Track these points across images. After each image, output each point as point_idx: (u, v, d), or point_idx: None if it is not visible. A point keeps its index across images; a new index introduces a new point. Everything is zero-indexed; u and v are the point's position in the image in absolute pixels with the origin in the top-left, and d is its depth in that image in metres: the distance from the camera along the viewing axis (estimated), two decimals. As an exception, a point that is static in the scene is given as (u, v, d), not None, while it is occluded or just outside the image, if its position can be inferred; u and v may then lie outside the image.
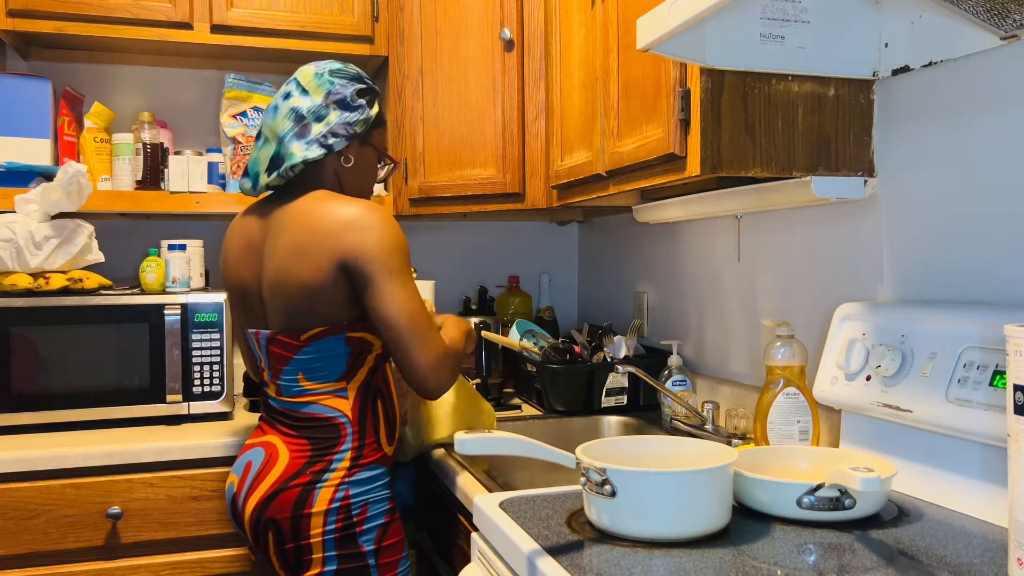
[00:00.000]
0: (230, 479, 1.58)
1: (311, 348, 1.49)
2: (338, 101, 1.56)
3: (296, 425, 1.52)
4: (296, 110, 1.55)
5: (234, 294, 1.62)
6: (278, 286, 1.49)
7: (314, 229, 1.46)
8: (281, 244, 1.49)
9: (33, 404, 1.95)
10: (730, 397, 1.90)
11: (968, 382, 1.17)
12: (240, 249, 1.60)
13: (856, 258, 1.54)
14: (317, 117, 1.55)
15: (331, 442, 1.50)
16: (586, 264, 2.83)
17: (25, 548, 1.76)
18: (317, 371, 1.51)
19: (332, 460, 1.48)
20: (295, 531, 1.45)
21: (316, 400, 1.51)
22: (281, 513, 1.46)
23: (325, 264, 1.44)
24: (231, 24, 2.23)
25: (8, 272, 1.96)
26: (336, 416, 1.51)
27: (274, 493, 1.47)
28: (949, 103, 1.33)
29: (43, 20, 2.12)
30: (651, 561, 1.00)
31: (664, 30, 1.20)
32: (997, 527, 1.12)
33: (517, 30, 2.14)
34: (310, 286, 1.45)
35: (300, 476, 1.47)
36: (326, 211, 1.47)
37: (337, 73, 1.58)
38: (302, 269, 1.46)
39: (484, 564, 1.26)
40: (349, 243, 1.44)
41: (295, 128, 1.54)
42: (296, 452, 1.50)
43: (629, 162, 1.63)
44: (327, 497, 1.46)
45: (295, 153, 1.53)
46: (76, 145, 2.25)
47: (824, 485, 1.11)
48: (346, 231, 1.44)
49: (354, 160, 1.60)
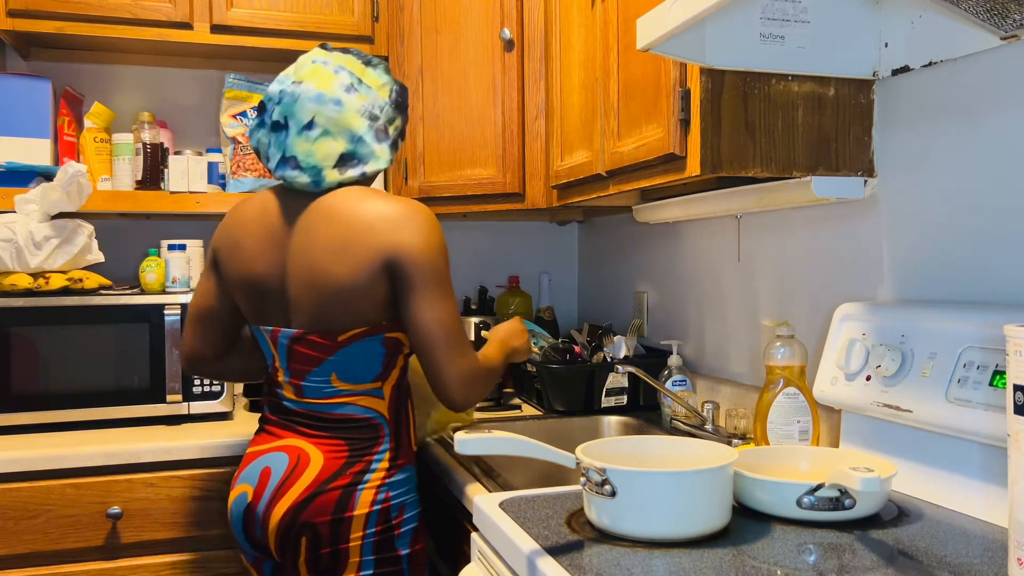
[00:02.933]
0: (240, 490, 1.49)
1: (348, 349, 1.44)
2: (398, 104, 1.53)
3: (327, 426, 1.46)
4: (368, 109, 1.47)
5: (244, 287, 1.51)
6: (312, 284, 1.42)
7: (357, 226, 1.40)
8: (318, 240, 1.42)
9: (33, 404, 1.95)
10: (730, 397, 1.90)
11: (968, 382, 1.17)
12: (258, 240, 1.49)
13: (856, 258, 1.54)
14: (389, 119, 1.51)
15: (369, 442, 1.46)
16: (586, 264, 2.83)
17: (25, 548, 1.76)
18: (352, 372, 1.46)
19: (372, 460, 1.44)
20: (334, 535, 1.41)
21: (351, 401, 1.46)
22: (320, 516, 1.40)
23: (368, 262, 1.39)
24: (231, 24, 2.23)
25: (8, 272, 1.96)
26: (373, 416, 1.47)
27: (311, 496, 1.41)
28: (949, 103, 1.33)
29: (43, 20, 2.12)
30: (651, 561, 1.00)
31: (664, 30, 1.20)
32: (997, 527, 1.12)
33: (517, 30, 2.14)
34: (351, 285, 1.39)
35: (339, 478, 1.42)
36: (370, 208, 1.41)
37: (378, 67, 1.53)
38: (342, 267, 1.39)
39: (484, 564, 1.26)
40: (395, 242, 1.39)
41: (372, 127, 1.47)
42: (332, 453, 1.44)
43: (629, 162, 1.63)
44: (368, 499, 1.42)
45: (381, 156, 1.48)
46: (76, 145, 2.25)
47: (824, 485, 1.11)
48: (394, 229, 1.39)
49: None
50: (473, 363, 1.43)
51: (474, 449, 1.08)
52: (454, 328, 1.41)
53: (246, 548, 1.52)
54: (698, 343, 2.09)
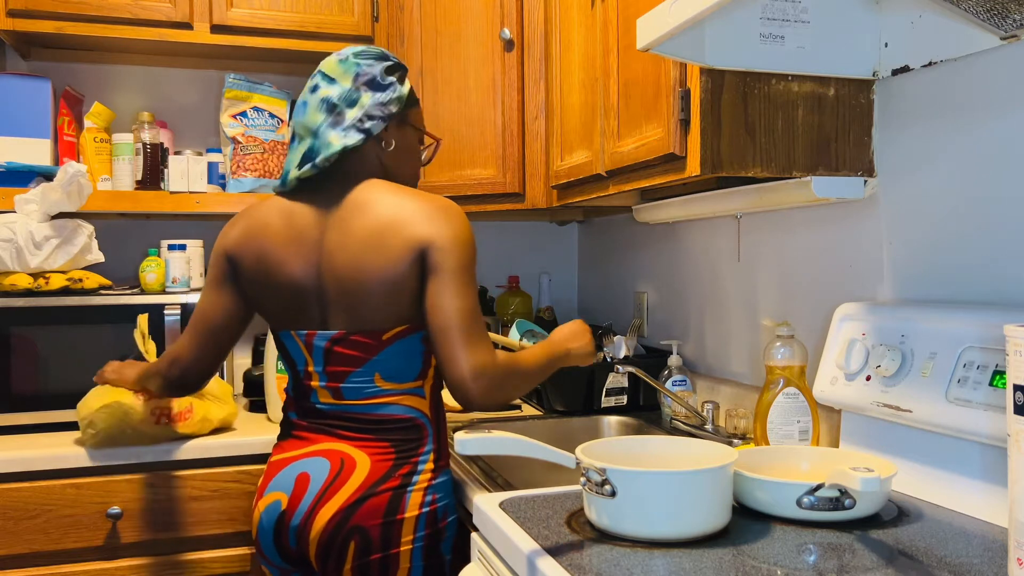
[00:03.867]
0: (272, 498, 1.43)
1: (393, 348, 1.42)
2: (368, 82, 1.47)
3: (370, 428, 1.43)
4: (327, 100, 1.46)
5: (275, 294, 1.47)
6: (351, 282, 1.40)
7: (390, 220, 1.39)
8: (352, 237, 1.40)
9: (33, 404, 1.95)
10: (730, 397, 1.90)
11: (968, 382, 1.17)
12: (288, 244, 1.45)
13: (856, 258, 1.54)
14: (349, 102, 1.46)
15: (415, 443, 1.43)
16: (586, 264, 2.83)
17: (25, 548, 1.76)
18: (396, 371, 1.44)
19: (418, 462, 1.42)
20: (385, 539, 1.38)
21: (395, 401, 1.44)
22: (371, 520, 1.37)
23: (403, 253, 1.37)
24: (231, 24, 2.23)
25: (8, 272, 1.96)
26: (417, 416, 1.45)
27: (360, 500, 1.37)
28: (949, 103, 1.33)
29: (43, 20, 2.12)
30: (651, 561, 1.00)
31: (664, 30, 1.20)
32: (997, 527, 1.12)
33: (517, 30, 2.14)
34: (389, 279, 1.38)
35: (388, 480, 1.39)
36: (401, 201, 1.41)
37: (361, 55, 1.49)
38: (379, 260, 1.38)
39: (484, 564, 1.26)
40: (428, 232, 1.38)
41: (328, 118, 1.45)
42: (378, 456, 1.41)
43: (629, 162, 1.63)
44: (417, 501, 1.40)
45: (333, 143, 1.44)
46: (76, 145, 2.25)
47: (824, 485, 1.11)
48: (426, 220, 1.38)
49: (395, 143, 1.51)
50: (492, 358, 1.37)
51: (474, 449, 1.08)
52: (473, 318, 1.37)
53: (275, 560, 1.46)
54: (698, 343, 2.09)
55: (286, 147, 2.35)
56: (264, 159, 2.30)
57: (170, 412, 1.82)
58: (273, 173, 2.31)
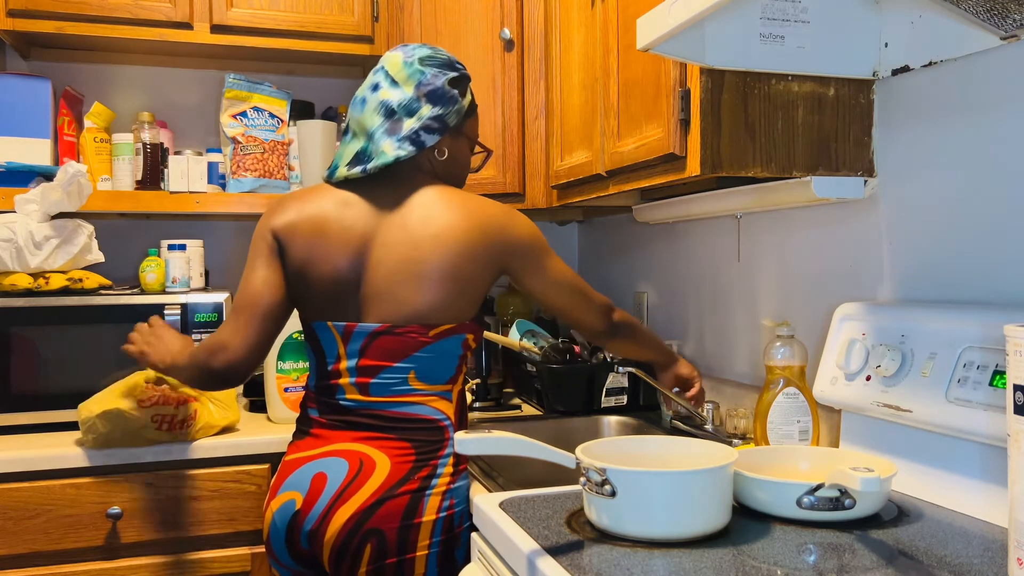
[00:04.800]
0: (285, 498, 1.41)
1: (436, 345, 1.42)
2: (429, 94, 1.46)
3: (393, 427, 1.41)
4: (386, 104, 1.45)
5: (320, 280, 1.44)
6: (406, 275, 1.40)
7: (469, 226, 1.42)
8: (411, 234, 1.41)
9: (33, 404, 1.95)
10: (730, 397, 1.90)
11: (968, 382, 1.17)
12: (339, 233, 1.44)
13: (856, 258, 1.54)
14: (408, 112, 1.45)
15: (435, 446, 1.41)
16: (586, 264, 2.83)
17: (25, 548, 1.76)
18: (432, 371, 1.43)
19: (437, 465, 1.40)
20: (401, 543, 1.35)
21: (423, 401, 1.43)
22: (388, 523, 1.35)
23: (485, 261, 1.44)
24: (231, 24, 2.23)
25: (8, 272, 1.96)
26: (441, 419, 1.43)
27: (379, 501, 1.35)
28: (949, 103, 1.33)
29: (43, 20, 2.12)
30: (651, 561, 1.00)
31: (664, 30, 1.20)
32: (997, 527, 1.12)
33: (517, 30, 2.14)
34: (463, 278, 1.41)
35: (408, 482, 1.37)
36: (478, 204, 1.46)
37: (427, 61, 1.48)
38: (459, 260, 1.41)
39: (484, 564, 1.26)
40: (511, 240, 1.46)
41: (385, 124, 1.45)
42: (399, 457, 1.39)
43: (629, 162, 1.63)
44: (435, 505, 1.38)
45: (386, 152, 1.44)
46: (76, 145, 2.25)
47: (824, 485, 1.11)
48: (506, 229, 1.46)
49: (448, 152, 1.52)
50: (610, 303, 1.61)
51: (474, 449, 1.08)
52: (582, 282, 1.57)
53: (285, 561, 1.44)
54: (698, 343, 2.09)
55: (286, 147, 2.35)
56: (264, 159, 2.29)
57: (172, 419, 1.82)
58: (273, 173, 2.30)
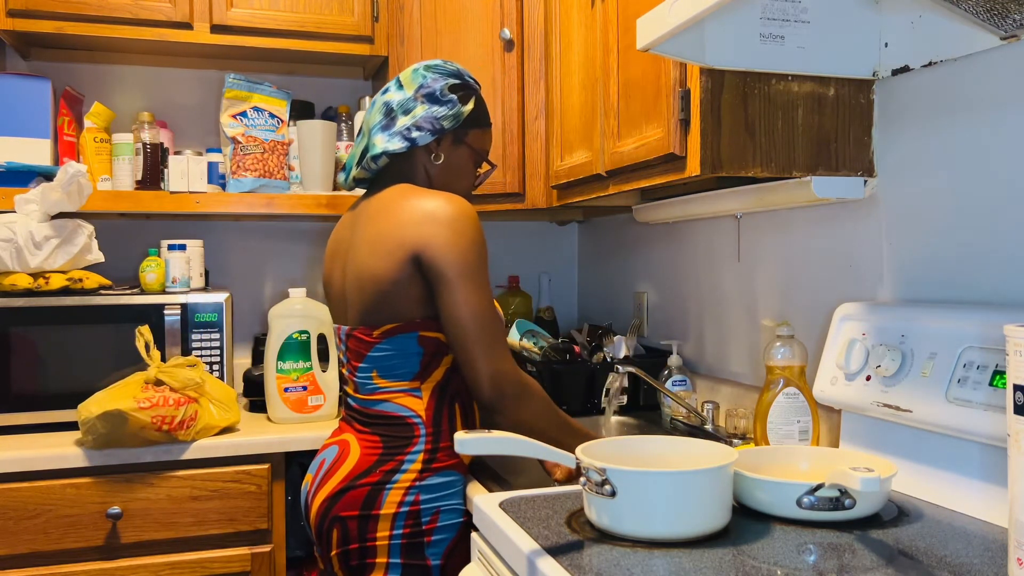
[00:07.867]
0: (307, 479, 1.56)
1: (385, 344, 1.46)
2: (427, 95, 1.54)
3: (368, 422, 1.49)
4: (387, 104, 1.55)
5: (328, 292, 1.63)
6: (358, 280, 1.47)
7: (393, 221, 1.44)
8: (364, 238, 1.48)
9: (33, 404, 1.95)
10: (730, 397, 1.90)
11: (968, 382, 1.17)
12: (334, 244, 1.61)
13: (856, 258, 1.54)
14: (404, 110, 1.54)
15: (403, 441, 1.45)
16: (586, 264, 2.83)
17: (25, 548, 1.76)
18: (391, 369, 1.47)
19: (403, 460, 1.44)
20: (361, 531, 1.42)
21: (389, 398, 1.47)
22: (348, 511, 1.42)
23: (398, 256, 1.41)
24: (231, 24, 2.23)
25: (8, 272, 1.96)
26: (409, 415, 1.46)
27: (342, 490, 1.44)
28: (949, 103, 1.33)
29: (43, 20, 2.12)
30: (651, 561, 1.00)
31: (664, 30, 1.20)
32: (997, 527, 1.12)
33: (517, 30, 2.14)
34: (384, 279, 1.43)
35: (370, 475, 1.43)
36: (406, 203, 1.44)
37: (432, 68, 1.56)
38: (378, 261, 1.43)
39: (484, 564, 1.26)
40: (423, 236, 1.40)
41: (382, 120, 1.55)
42: (367, 449, 1.46)
43: (629, 162, 1.63)
44: (396, 500, 1.41)
45: (376, 144, 1.53)
46: (76, 145, 2.25)
47: (824, 485, 1.11)
48: (422, 223, 1.41)
49: (444, 158, 1.56)
50: (510, 366, 1.38)
51: (473, 449, 1.08)
52: (486, 319, 1.37)
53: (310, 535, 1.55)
54: (698, 343, 2.09)
55: (286, 147, 2.35)
56: (264, 159, 2.29)
57: (172, 420, 1.82)
58: (273, 173, 2.30)
